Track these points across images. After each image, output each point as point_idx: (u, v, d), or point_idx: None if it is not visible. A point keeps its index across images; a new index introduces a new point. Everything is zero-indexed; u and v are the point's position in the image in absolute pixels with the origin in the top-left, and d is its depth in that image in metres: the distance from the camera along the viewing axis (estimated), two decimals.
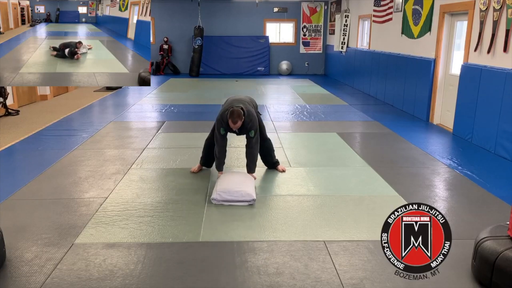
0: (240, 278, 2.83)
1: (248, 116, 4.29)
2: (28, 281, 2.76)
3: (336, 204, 4.01)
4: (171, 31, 15.27)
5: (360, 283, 2.78)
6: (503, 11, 5.61)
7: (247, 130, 4.35)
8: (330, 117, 8.09)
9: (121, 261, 3.01)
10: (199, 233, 3.43)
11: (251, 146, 4.44)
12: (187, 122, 7.53)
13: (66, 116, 7.97)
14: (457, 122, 6.66)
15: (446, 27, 7.26)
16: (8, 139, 6.25)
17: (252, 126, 4.34)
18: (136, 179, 4.65)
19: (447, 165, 5.23)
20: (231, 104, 4.34)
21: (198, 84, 12.97)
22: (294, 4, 15.48)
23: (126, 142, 6.14)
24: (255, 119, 4.39)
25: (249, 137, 4.39)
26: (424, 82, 7.73)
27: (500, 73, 5.58)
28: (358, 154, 5.66)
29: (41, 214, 3.75)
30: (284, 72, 15.67)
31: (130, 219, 3.65)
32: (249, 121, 4.30)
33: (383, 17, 10.02)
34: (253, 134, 4.37)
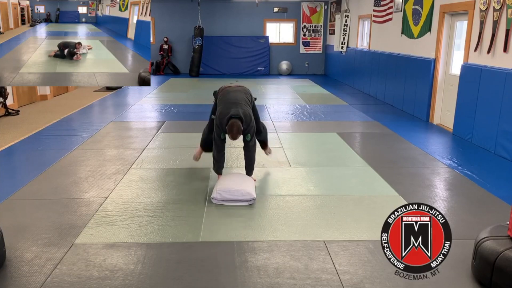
0: (240, 278, 2.83)
1: (246, 122, 4.17)
2: (28, 281, 2.76)
3: (336, 204, 4.01)
4: (171, 31, 15.27)
5: (360, 283, 2.78)
6: (503, 11, 5.61)
7: (244, 134, 4.27)
8: (330, 117, 8.09)
9: (121, 261, 3.01)
10: (199, 233, 3.43)
11: (249, 150, 4.37)
12: (187, 122, 7.53)
13: (66, 116, 7.97)
14: (457, 122, 6.66)
15: (446, 27, 7.26)
16: (8, 139, 6.25)
17: (249, 130, 4.26)
18: (136, 179, 4.65)
19: (447, 165, 5.23)
20: (229, 109, 4.19)
21: (198, 84, 12.97)
22: (294, 4, 15.48)
23: (126, 142, 6.14)
24: (253, 122, 4.29)
25: (246, 140, 4.32)
26: (424, 82, 7.73)
27: (500, 73, 5.58)
28: (358, 154, 5.66)
29: (41, 214, 3.75)
30: (284, 72, 15.67)
31: (130, 219, 3.65)
32: (246, 126, 4.20)
33: (383, 17, 10.02)
34: (250, 137, 4.30)
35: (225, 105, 4.26)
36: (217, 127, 4.26)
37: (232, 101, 4.29)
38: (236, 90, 4.47)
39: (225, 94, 4.40)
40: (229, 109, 4.18)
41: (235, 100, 4.31)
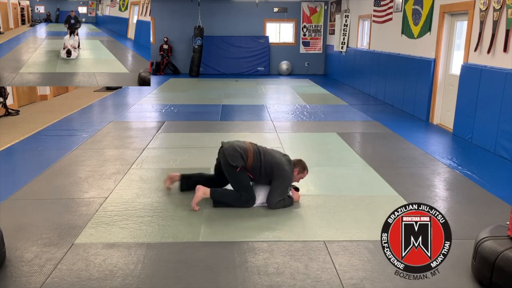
0: (240, 278, 2.83)
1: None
2: (28, 281, 2.76)
3: (336, 204, 4.01)
4: (171, 31, 15.27)
5: (360, 283, 2.78)
6: (503, 11, 5.61)
7: None
8: (330, 117, 8.09)
9: (121, 261, 3.01)
10: (199, 233, 3.43)
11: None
12: (187, 122, 7.53)
13: (66, 116, 7.97)
14: (457, 122, 6.66)
15: (446, 27, 7.26)
16: (8, 139, 6.25)
17: None
18: (136, 179, 4.65)
19: (447, 165, 5.23)
20: (285, 155, 4.06)
21: (198, 84, 12.97)
22: (294, 4, 15.48)
23: (126, 142, 6.14)
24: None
25: None
26: (424, 82, 7.73)
27: (500, 73, 5.58)
28: (358, 154, 5.66)
29: (41, 214, 3.75)
30: (284, 72, 15.67)
31: (130, 219, 3.65)
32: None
33: (383, 17, 10.02)
34: None
35: (276, 153, 4.05)
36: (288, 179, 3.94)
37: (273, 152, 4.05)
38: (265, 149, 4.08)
39: (265, 150, 4.02)
40: (285, 155, 4.05)
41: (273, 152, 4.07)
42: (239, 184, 3.88)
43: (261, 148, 3.99)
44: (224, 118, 7.94)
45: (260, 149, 3.96)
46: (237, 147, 3.87)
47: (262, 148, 4.01)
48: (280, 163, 3.87)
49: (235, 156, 3.81)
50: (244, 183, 3.87)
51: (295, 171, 3.99)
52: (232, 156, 3.81)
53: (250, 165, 3.84)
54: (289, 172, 3.88)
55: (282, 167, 3.85)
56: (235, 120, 7.83)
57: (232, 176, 3.89)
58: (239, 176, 3.86)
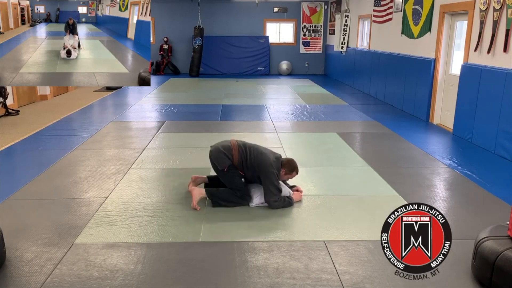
0: (240, 278, 2.83)
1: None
2: (28, 281, 2.76)
3: (336, 204, 4.01)
4: (171, 31, 15.27)
5: (360, 283, 2.78)
6: (503, 11, 5.61)
7: None
8: (330, 117, 8.09)
9: (121, 261, 3.01)
10: (199, 233, 3.43)
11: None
12: (187, 122, 7.53)
13: (66, 116, 7.97)
14: (457, 122, 6.66)
15: (446, 27, 7.26)
16: (8, 139, 6.25)
17: None
18: (136, 179, 4.65)
19: (447, 165, 5.23)
20: (266, 149, 4.07)
21: (198, 84, 12.97)
22: (294, 4, 15.48)
23: (126, 142, 6.14)
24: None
25: None
26: (424, 82, 7.73)
27: (500, 73, 5.58)
28: (358, 154, 5.66)
29: (41, 214, 3.75)
30: (284, 72, 15.67)
31: (130, 219, 3.65)
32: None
33: (383, 17, 10.02)
34: None
35: (267, 150, 4.07)
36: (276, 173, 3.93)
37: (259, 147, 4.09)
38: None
39: (251, 145, 4.07)
40: (267, 149, 4.04)
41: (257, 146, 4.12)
42: (231, 184, 3.96)
43: (248, 144, 4.05)
44: (224, 118, 7.94)
45: (247, 145, 4.03)
46: (220, 148, 3.98)
47: (250, 144, 4.07)
48: (265, 160, 3.90)
49: (220, 158, 3.92)
50: (236, 182, 3.95)
51: (282, 171, 4.00)
52: (217, 159, 3.94)
53: (236, 161, 3.92)
54: (274, 169, 3.89)
55: (266, 163, 3.88)
56: (235, 120, 7.83)
57: (223, 177, 4.02)
58: (229, 176, 3.96)
